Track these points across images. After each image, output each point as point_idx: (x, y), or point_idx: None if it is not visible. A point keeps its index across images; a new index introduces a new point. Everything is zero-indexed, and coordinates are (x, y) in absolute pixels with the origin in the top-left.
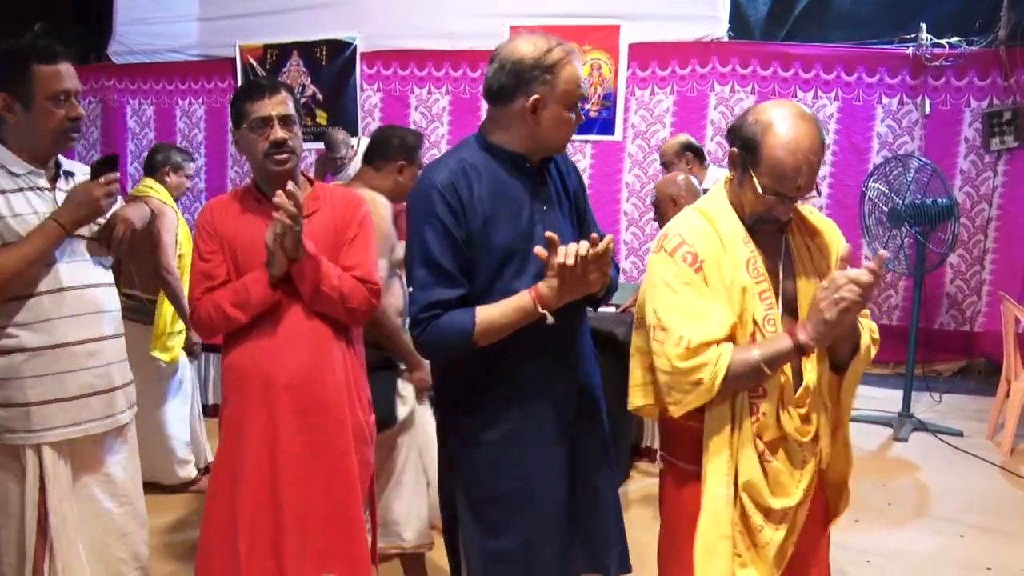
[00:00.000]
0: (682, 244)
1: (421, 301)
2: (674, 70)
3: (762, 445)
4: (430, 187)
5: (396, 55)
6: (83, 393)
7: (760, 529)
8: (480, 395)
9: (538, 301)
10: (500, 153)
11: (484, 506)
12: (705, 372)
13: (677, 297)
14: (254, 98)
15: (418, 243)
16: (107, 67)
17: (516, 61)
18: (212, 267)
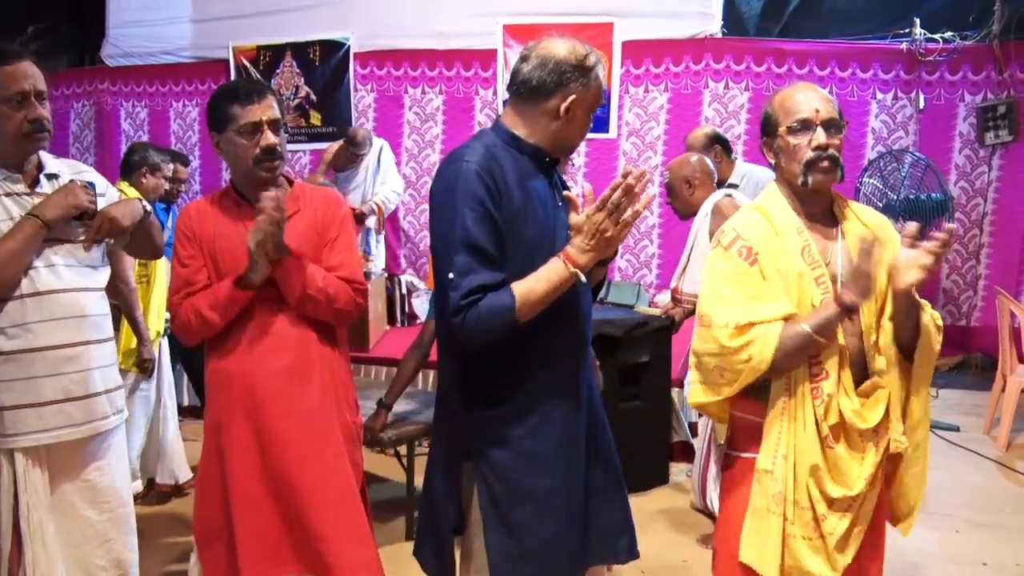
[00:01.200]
0: (737, 239)
1: (465, 287)
2: (668, 67)
3: (826, 429)
4: (467, 169)
5: (389, 55)
6: (59, 398)
7: (824, 518)
8: (505, 391)
9: (568, 262)
10: (525, 147)
11: (512, 505)
12: (753, 348)
13: (728, 290)
14: (242, 102)
15: (458, 226)
16: (101, 70)
17: (559, 60)
18: (191, 272)
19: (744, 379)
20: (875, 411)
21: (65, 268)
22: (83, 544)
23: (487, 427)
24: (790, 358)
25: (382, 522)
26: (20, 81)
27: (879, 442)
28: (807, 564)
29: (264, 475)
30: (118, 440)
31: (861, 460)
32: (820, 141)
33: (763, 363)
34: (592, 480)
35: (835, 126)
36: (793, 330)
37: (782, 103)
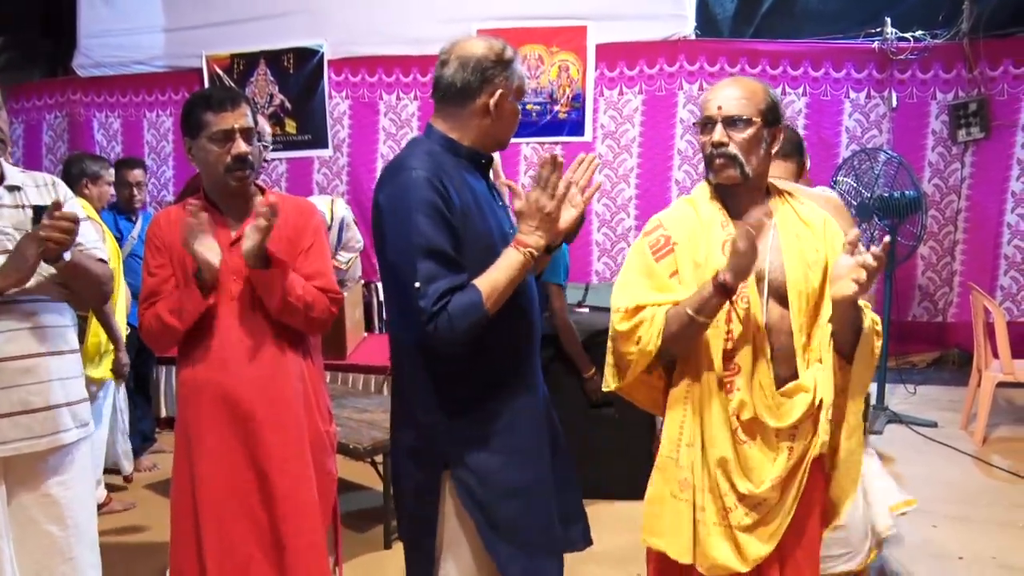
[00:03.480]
0: (658, 228)
1: (432, 293)
2: (642, 69)
3: (736, 423)
4: (416, 176)
5: (364, 61)
6: (16, 411)
7: (731, 510)
8: (474, 391)
9: (520, 247)
10: (462, 149)
11: (499, 504)
12: (642, 330)
13: (632, 278)
14: (215, 109)
15: (415, 234)
16: (72, 80)
17: (479, 58)
18: (158, 282)
19: (637, 362)
20: (792, 411)
21: None
22: (44, 559)
23: (461, 432)
24: (676, 340)
25: (359, 531)
26: None
27: (795, 445)
28: (714, 551)
29: (234, 483)
30: (81, 454)
31: (773, 460)
32: (713, 139)
33: (650, 345)
34: (559, 471)
35: (738, 122)
36: (675, 311)
37: (703, 99)
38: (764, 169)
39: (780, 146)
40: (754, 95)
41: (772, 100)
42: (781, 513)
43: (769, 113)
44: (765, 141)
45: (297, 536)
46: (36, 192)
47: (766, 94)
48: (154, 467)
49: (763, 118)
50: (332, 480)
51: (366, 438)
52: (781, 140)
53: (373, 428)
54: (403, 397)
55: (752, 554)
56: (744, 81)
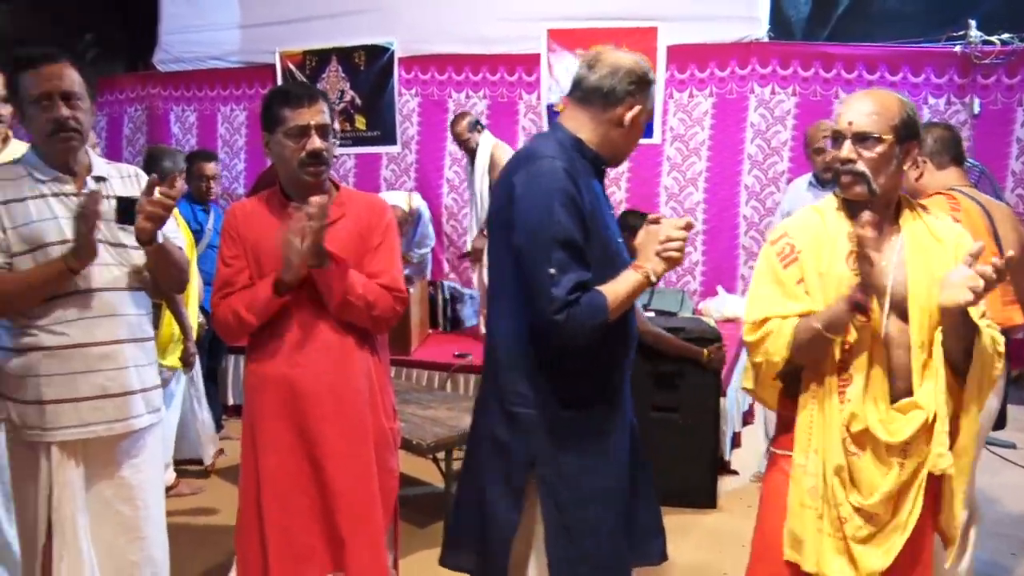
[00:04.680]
0: (783, 237)
1: (566, 284)
2: (713, 72)
3: (845, 433)
4: (556, 166)
5: (433, 59)
6: (95, 395)
7: (846, 520)
8: (579, 394)
9: (641, 270)
10: (587, 151)
11: (577, 509)
12: (769, 342)
13: (761, 287)
14: (293, 105)
15: (553, 222)
16: (153, 75)
17: (629, 70)
18: (233, 272)
19: (765, 372)
20: (905, 427)
21: (103, 267)
22: (115, 539)
23: (558, 432)
24: (803, 353)
25: (419, 526)
26: (43, 83)
27: (907, 462)
28: (828, 563)
29: (297, 476)
30: (153, 439)
31: (884, 474)
32: (842, 154)
33: (776, 356)
34: (632, 481)
35: (868, 139)
36: (805, 324)
37: (835, 111)
38: (895, 184)
39: (938, 157)
40: (887, 110)
41: (907, 115)
42: (896, 531)
43: (903, 128)
44: (897, 158)
45: (355, 530)
46: (120, 183)
47: (901, 108)
48: (222, 453)
49: (895, 134)
50: (394, 477)
51: (429, 434)
52: (916, 153)
53: (436, 424)
54: (496, 388)
55: (866, 567)
56: (878, 95)
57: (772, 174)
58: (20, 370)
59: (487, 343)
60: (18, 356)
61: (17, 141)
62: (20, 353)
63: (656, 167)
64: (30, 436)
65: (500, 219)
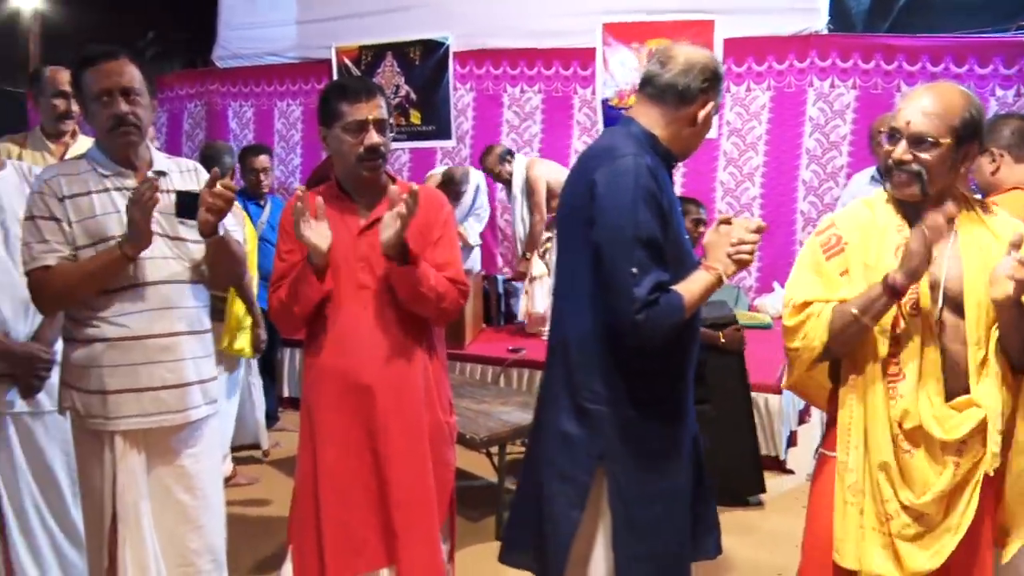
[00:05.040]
0: (831, 227)
1: (647, 283)
2: (771, 65)
3: (897, 429)
4: (639, 163)
5: (488, 54)
6: (155, 385)
7: (891, 518)
8: (651, 392)
9: (712, 271)
10: (660, 148)
11: (642, 505)
12: (808, 326)
13: (804, 275)
14: (350, 100)
15: (636, 221)
16: (211, 71)
17: (704, 67)
18: (288, 267)
19: (803, 358)
20: (961, 426)
21: (162, 261)
22: (177, 527)
23: (628, 429)
24: (838, 338)
25: (471, 520)
26: (104, 80)
27: (962, 460)
28: (870, 558)
29: (354, 469)
30: (210, 429)
31: (938, 473)
32: (896, 155)
33: (816, 341)
34: (692, 477)
35: (924, 141)
36: (841, 308)
37: (897, 106)
38: (950, 183)
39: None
40: (949, 110)
41: (970, 115)
42: (948, 532)
43: (963, 129)
44: (953, 160)
45: (410, 524)
46: (180, 178)
47: (965, 107)
48: (276, 444)
49: (954, 136)
50: (450, 471)
51: (483, 428)
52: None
53: (490, 419)
54: (565, 383)
55: (912, 567)
56: (941, 91)
57: (831, 169)
58: (84, 360)
59: (554, 339)
60: (82, 347)
61: (84, 137)
62: (84, 344)
63: (712, 162)
64: (93, 425)
65: (577, 215)
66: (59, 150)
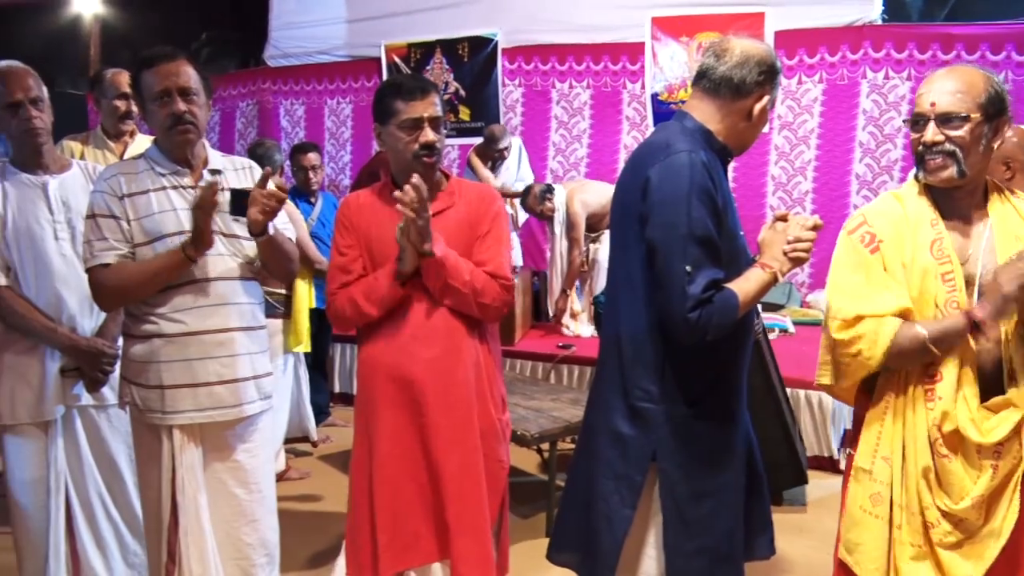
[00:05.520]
0: (863, 224)
1: (701, 281)
2: (823, 57)
3: (936, 434)
4: (694, 160)
5: (537, 50)
6: (210, 381)
7: (933, 526)
8: (703, 388)
9: (768, 269)
10: (716, 143)
11: (693, 502)
12: (863, 343)
13: (847, 276)
14: (406, 98)
15: (690, 218)
16: (263, 71)
17: (760, 60)
18: (348, 261)
19: (853, 373)
20: (998, 427)
21: (217, 257)
22: (232, 520)
23: (681, 427)
24: (902, 359)
25: (521, 517)
26: (162, 80)
27: (1000, 463)
28: (909, 574)
29: (407, 464)
30: (264, 424)
31: (976, 478)
32: (926, 138)
33: (872, 360)
34: (754, 475)
35: (954, 119)
36: (911, 332)
37: (917, 93)
38: (984, 166)
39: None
40: (972, 87)
41: (994, 90)
42: (991, 537)
43: (990, 105)
44: (986, 136)
45: (461, 519)
46: (235, 176)
47: (987, 83)
48: (327, 439)
49: (983, 112)
50: (503, 468)
51: (533, 425)
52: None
53: (540, 415)
54: (618, 381)
55: (956, 575)
56: (960, 71)
57: (885, 162)
58: (142, 356)
59: (606, 336)
60: (140, 342)
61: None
62: (142, 340)
63: (764, 156)
64: (151, 419)
65: (630, 212)
66: (119, 149)
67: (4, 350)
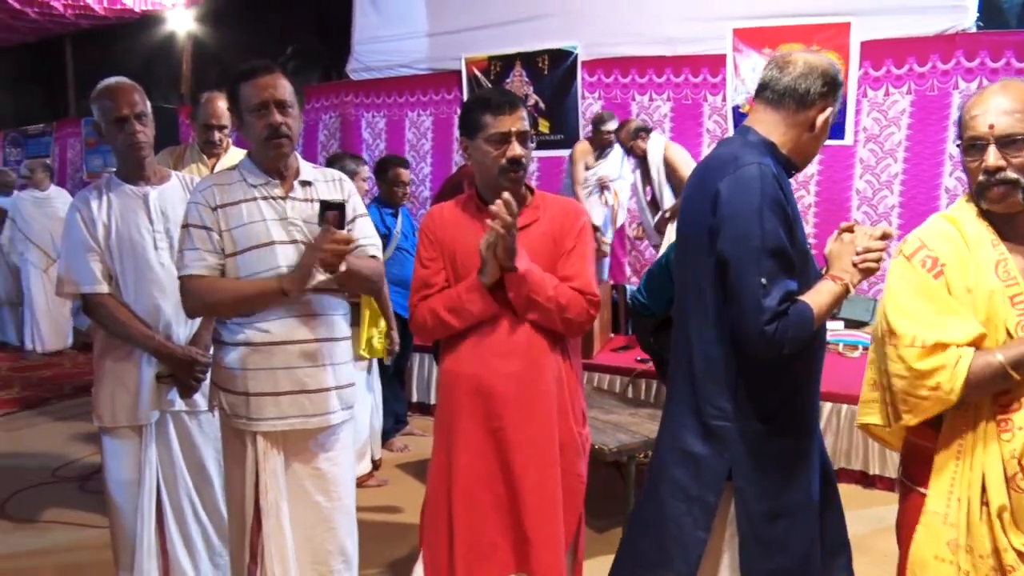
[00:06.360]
0: (921, 248)
1: (777, 294)
2: (912, 67)
3: (1016, 467)
4: (765, 172)
5: (616, 62)
6: (294, 390)
7: (1012, 569)
8: (778, 405)
9: (839, 281)
10: (780, 156)
11: (768, 521)
12: (943, 375)
13: (913, 302)
14: (494, 112)
15: (763, 231)
16: (346, 84)
17: (824, 71)
18: (431, 273)
19: (928, 409)
20: None
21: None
22: (314, 527)
23: (755, 445)
24: (979, 389)
25: (598, 531)
26: (260, 93)
27: None
28: None
29: (487, 475)
30: (346, 433)
31: None
32: (988, 163)
33: (952, 393)
34: (828, 493)
35: (1015, 141)
36: (984, 360)
37: (966, 113)
38: None
39: None
40: None
41: None
42: None
43: None
44: None
45: (538, 531)
46: (325, 187)
47: None
48: (405, 448)
49: None
50: (581, 482)
51: (612, 440)
52: None
53: (619, 430)
54: (689, 399)
55: None
56: (1014, 87)
57: None
58: (230, 363)
59: (677, 352)
60: (229, 350)
61: (235, 148)
62: (231, 347)
63: (848, 169)
64: (237, 424)
65: (699, 227)
66: (212, 162)
67: (105, 356)
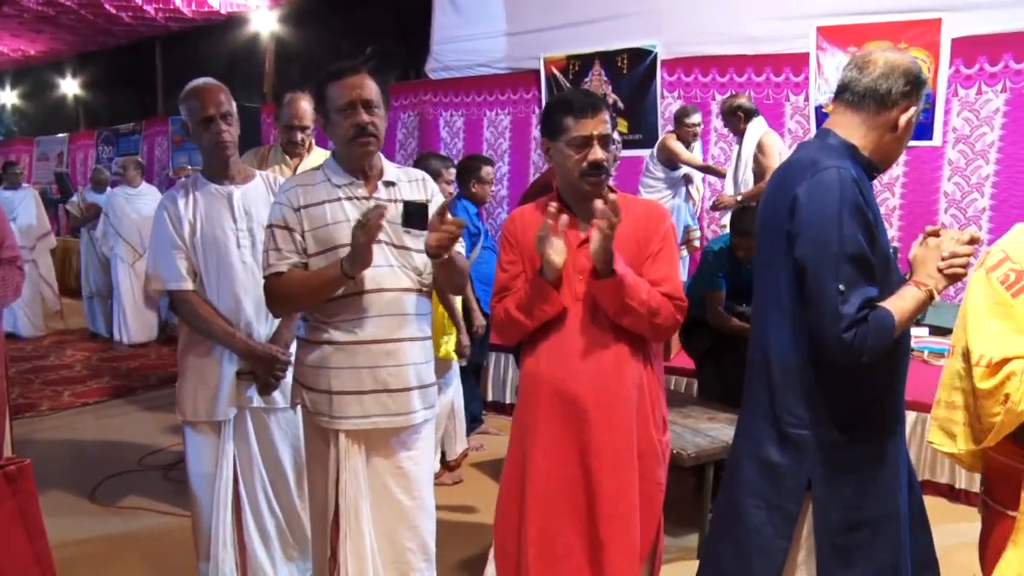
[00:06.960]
0: (1005, 261)
1: (856, 300)
2: (1007, 65)
3: None
4: (845, 176)
5: (696, 61)
6: (377, 389)
7: None
8: (859, 413)
9: (923, 287)
10: (861, 158)
11: (847, 532)
12: (1011, 386)
13: (989, 322)
14: (576, 115)
15: (843, 237)
16: (424, 83)
17: (906, 70)
18: (509, 277)
19: (1003, 426)
20: None
21: (388, 269)
22: (395, 525)
23: (832, 452)
24: None
25: (674, 537)
26: (348, 92)
27: None
28: None
29: (563, 479)
30: (427, 433)
31: None
32: None
33: (1022, 404)
34: (916, 507)
35: None
36: None
37: None
38: None
39: None
40: None
41: None
42: None
43: None
44: None
45: (615, 537)
46: (408, 187)
47: None
48: (480, 447)
49: None
50: (660, 489)
51: (690, 445)
52: None
53: (697, 435)
54: (767, 407)
55: None
56: None
57: None
58: (314, 361)
59: (753, 359)
60: (313, 349)
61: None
62: (315, 346)
63: (936, 171)
64: (320, 421)
65: (777, 231)
66: (295, 162)
67: (189, 351)
